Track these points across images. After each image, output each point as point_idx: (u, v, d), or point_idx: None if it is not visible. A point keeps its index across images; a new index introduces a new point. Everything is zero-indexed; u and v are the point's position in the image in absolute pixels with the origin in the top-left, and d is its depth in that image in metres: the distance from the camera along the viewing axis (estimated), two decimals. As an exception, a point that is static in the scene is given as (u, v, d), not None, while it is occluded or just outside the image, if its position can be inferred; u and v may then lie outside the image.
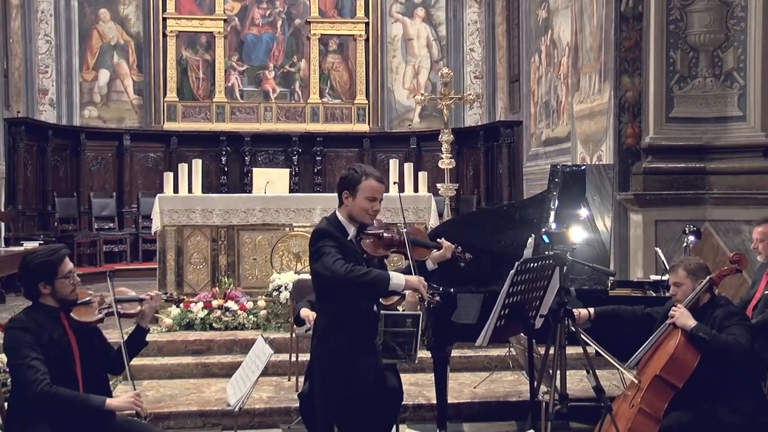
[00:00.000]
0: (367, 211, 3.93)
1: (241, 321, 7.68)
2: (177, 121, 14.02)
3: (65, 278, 3.95)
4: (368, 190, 3.91)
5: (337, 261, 3.73)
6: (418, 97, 10.05)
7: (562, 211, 5.62)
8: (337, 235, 3.88)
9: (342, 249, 3.82)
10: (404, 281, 3.77)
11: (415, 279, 3.81)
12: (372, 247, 3.94)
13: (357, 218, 3.94)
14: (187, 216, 8.25)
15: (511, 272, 3.87)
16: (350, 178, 3.95)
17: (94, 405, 3.78)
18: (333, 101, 14.66)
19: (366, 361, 3.92)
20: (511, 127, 12.81)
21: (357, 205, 3.92)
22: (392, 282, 3.75)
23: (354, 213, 3.93)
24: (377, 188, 3.94)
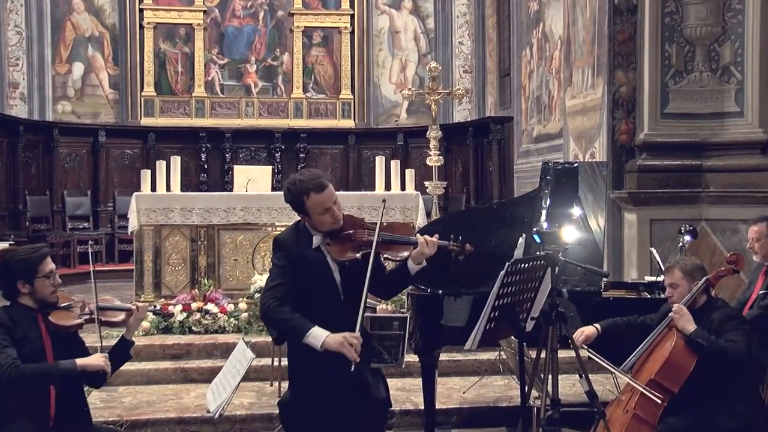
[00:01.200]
0: (327, 222, 3.79)
1: (222, 324, 7.66)
2: (155, 117, 13.96)
3: (45, 278, 3.94)
4: (318, 206, 3.73)
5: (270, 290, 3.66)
6: (405, 92, 10.04)
7: (554, 209, 5.63)
8: (291, 246, 3.77)
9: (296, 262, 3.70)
10: (322, 341, 3.55)
11: (337, 340, 3.54)
12: (338, 251, 3.77)
13: (322, 231, 3.81)
14: (165, 215, 8.22)
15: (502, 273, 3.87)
16: (294, 201, 3.77)
17: (66, 369, 3.80)
18: (317, 96, 14.64)
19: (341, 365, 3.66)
20: (502, 123, 12.84)
21: (315, 222, 3.79)
22: (308, 337, 3.58)
23: (318, 227, 3.81)
24: (324, 198, 3.72)
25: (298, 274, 3.78)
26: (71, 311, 4.03)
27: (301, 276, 3.78)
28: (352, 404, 3.86)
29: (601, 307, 5.15)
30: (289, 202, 3.83)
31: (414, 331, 5.25)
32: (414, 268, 3.90)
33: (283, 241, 3.83)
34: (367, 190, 12.49)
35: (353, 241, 3.79)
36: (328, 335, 3.59)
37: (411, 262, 3.89)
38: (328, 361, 3.69)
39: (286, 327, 3.66)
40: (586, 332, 4.65)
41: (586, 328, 4.68)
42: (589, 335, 4.64)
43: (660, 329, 4.53)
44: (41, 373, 3.80)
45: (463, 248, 3.96)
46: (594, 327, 4.69)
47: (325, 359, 3.69)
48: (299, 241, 3.82)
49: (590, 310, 5.07)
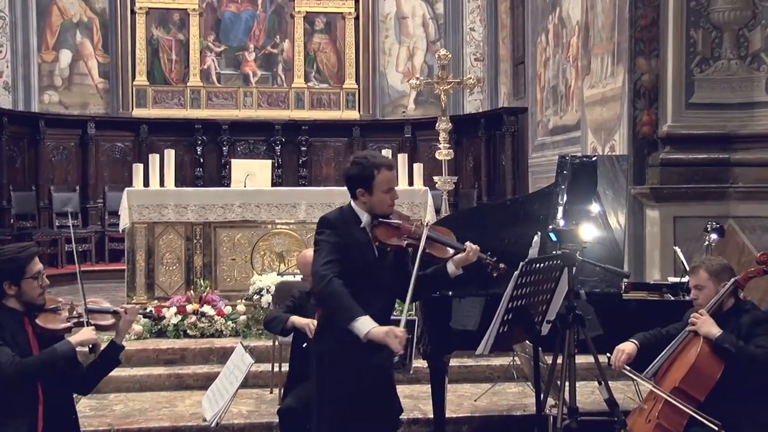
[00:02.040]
0: (387, 203, 3.98)
1: (219, 327, 7.67)
2: (147, 108, 13.99)
3: (33, 279, 3.95)
4: (384, 183, 3.95)
5: (325, 264, 3.76)
6: (413, 81, 10.04)
7: (571, 206, 5.63)
8: (341, 226, 3.91)
9: (344, 241, 3.85)
10: (368, 331, 3.66)
11: (382, 331, 3.68)
12: (384, 234, 3.94)
13: (378, 212, 3.98)
14: (158, 212, 8.24)
15: (515, 273, 3.87)
16: (362, 175, 3.96)
17: (64, 351, 3.87)
18: (319, 86, 14.64)
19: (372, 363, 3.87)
20: (515, 115, 12.83)
21: (376, 202, 3.96)
22: (355, 324, 3.67)
23: (375, 209, 3.97)
24: (392, 177, 4.00)
25: (346, 251, 3.89)
26: (59, 314, 4.04)
27: (350, 252, 3.90)
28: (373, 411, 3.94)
29: (622, 309, 5.14)
30: (357, 175, 3.96)
31: (422, 335, 5.26)
32: (454, 273, 4.03)
33: (333, 220, 3.96)
34: (372, 186, 12.51)
35: (400, 230, 3.96)
36: (374, 326, 3.70)
37: (451, 265, 4.01)
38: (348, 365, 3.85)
39: (337, 305, 3.73)
40: (627, 350, 4.58)
41: (625, 345, 4.61)
42: (630, 353, 4.57)
43: (684, 334, 4.52)
44: (42, 364, 3.83)
45: (497, 265, 4.05)
46: (632, 343, 4.63)
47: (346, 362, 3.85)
48: (347, 221, 3.96)
49: (610, 312, 5.07)
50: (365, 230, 3.96)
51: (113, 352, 4.19)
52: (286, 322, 5.14)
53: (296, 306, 5.34)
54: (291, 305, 5.35)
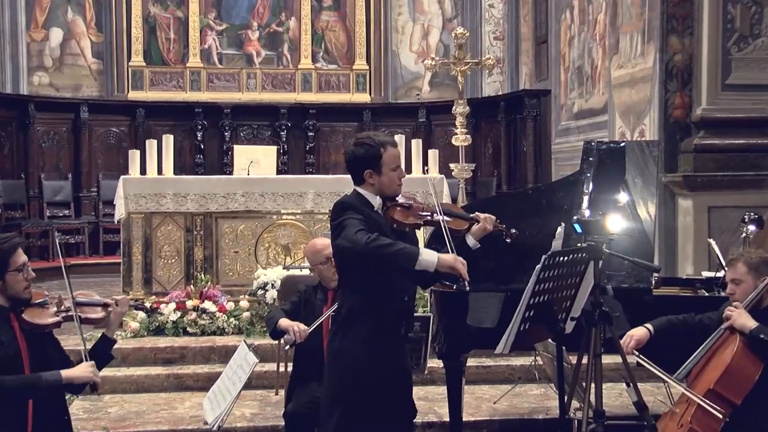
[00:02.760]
0: (395, 182, 4.09)
1: (221, 325, 7.70)
2: (144, 90, 14.01)
3: (17, 271, 3.96)
4: (391, 161, 4.07)
5: (360, 231, 3.83)
6: (428, 61, 10.02)
7: (597, 195, 5.62)
8: (361, 207, 4.00)
9: (368, 221, 3.93)
10: (437, 259, 3.79)
11: (451, 257, 3.84)
12: (402, 214, 4.05)
13: (387, 193, 4.09)
14: (156, 202, 8.27)
15: (537, 267, 3.87)
16: (368, 154, 4.06)
17: (49, 382, 3.85)
18: (328, 67, 14.63)
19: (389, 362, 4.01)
20: (538, 98, 12.80)
21: (386, 181, 4.06)
22: (421, 258, 3.78)
23: (384, 189, 4.08)
24: (397, 154, 4.13)
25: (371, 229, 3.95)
26: (47, 308, 4.06)
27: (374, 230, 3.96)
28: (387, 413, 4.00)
29: (652, 306, 5.13)
30: (363, 156, 4.06)
31: (438, 332, 5.27)
32: (475, 245, 4.15)
33: (352, 202, 4.06)
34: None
35: (413, 209, 4.09)
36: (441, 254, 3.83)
37: (471, 238, 4.15)
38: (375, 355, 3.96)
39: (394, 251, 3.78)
40: (636, 335, 4.62)
41: (636, 330, 4.65)
42: (640, 339, 4.61)
43: (720, 332, 4.50)
44: (23, 387, 3.84)
45: (509, 231, 4.23)
46: (645, 328, 4.66)
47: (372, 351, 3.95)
48: (362, 205, 4.05)
49: (639, 309, 5.06)
50: (379, 214, 4.06)
51: (105, 346, 4.21)
52: (276, 323, 5.04)
53: (302, 302, 5.32)
54: (297, 300, 5.32)
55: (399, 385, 4.10)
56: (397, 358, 4.08)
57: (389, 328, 4.02)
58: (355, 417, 3.96)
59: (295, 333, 4.86)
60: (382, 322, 3.98)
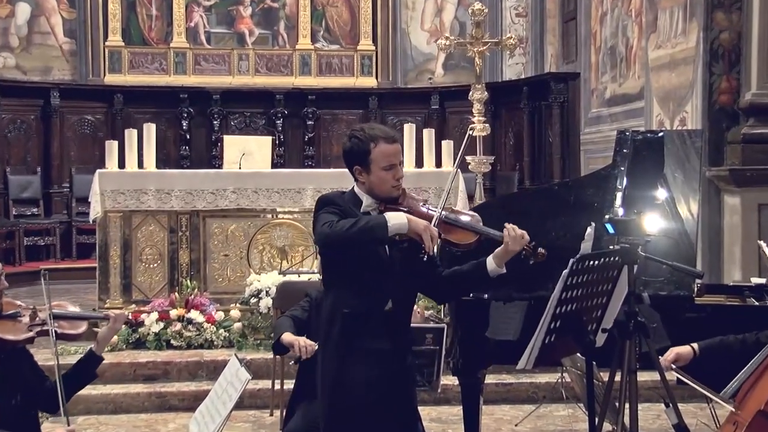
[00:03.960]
0: (389, 183, 4.00)
1: (209, 337, 7.71)
2: (122, 73, 14.04)
3: None
4: (382, 159, 3.98)
5: (326, 224, 3.81)
6: (442, 41, 10.01)
7: (632, 191, 5.62)
8: (344, 204, 3.98)
9: (345, 216, 3.89)
10: (406, 220, 3.76)
11: (423, 223, 3.79)
12: None
13: (381, 195, 4.02)
14: (136, 199, 8.28)
15: (565, 272, 3.87)
16: (355, 149, 4.01)
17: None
18: (329, 47, 14.65)
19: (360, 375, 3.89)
20: (565, 82, 12.79)
21: (375, 181, 4.00)
22: (391, 223, 3.74)
23: (375, 190, 4.02)
24: (392, 151, 4.01)
25: None
26: (19, 321, 4.07)
27: None
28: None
29: (694, 317, 5.13)
30: (350, 150, 4.03)
31: (453, 345, 5.27)
32: (494, 271, 4.02)
33: (332, 197, 4.04)
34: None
35: (411, 213, 3.94)
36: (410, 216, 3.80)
37: (492, 262, 4.02)
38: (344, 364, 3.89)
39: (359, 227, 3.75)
40: (677, 350, 4.61)
41: (680, 348, 4.63)
42: (681, 355, 4.60)
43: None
44: None
45: (535, 251, 4.03)
46: (690, 348, 4.64)
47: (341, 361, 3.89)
48: (349, 202, 4.02)
49: (680, 320, 5.06)
50: (368, 214, 3.97)
51: (92, 364, 4.22)
52: (279, 337, 4.97)
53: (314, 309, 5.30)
54: (306, 307, 5.30)
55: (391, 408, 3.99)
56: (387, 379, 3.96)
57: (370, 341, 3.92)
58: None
59: (301, 349, 4.83)
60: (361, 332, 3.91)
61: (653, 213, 5.54)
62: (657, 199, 5.66)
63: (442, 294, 4.42)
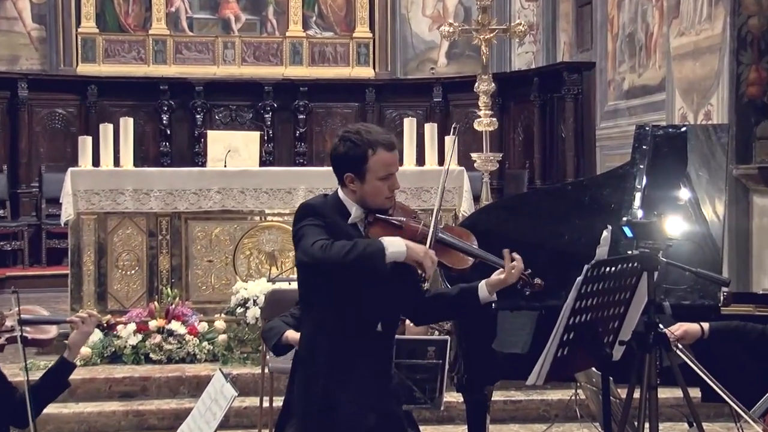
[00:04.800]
0: (383, 194, 3.93)
1: (191, 350, 7.71)
2: (96, 63, 14.03)
3: None
4: (381, 168, 3.90)
5: (318, 242, 3.72)
6: (445, 28, 10.02)
7: (652, 191, 5.62)
8: (327, 213, 3.89)
9: (331, 230, 3.82)
10: (405, 247, 3.68)
11: (422, 248, 3.72)
12: (380, 236, 3.85)
13: (372, 206, 3.95)
14: (112, 199, 8.28)
15: (578, 280, 3.88)
16: (351, 155, 3.91)
17: None
18: (322, 35, 14.65)
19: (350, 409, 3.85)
20: (579, 72, 12.80)
21: (368, 191, 3.92)
22: (389, 251, 3.67)
23: (367, 200, 3.94)
24: (391, 160, 3.93)
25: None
26: None
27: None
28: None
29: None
30: (345, 155, 3.92)
31: (457, 359, 5.27)
32: (486, 299, 4.02)
33: (316, 206, 3.94)
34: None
35: (401, 230, 3.90)
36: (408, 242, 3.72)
37: (485, 289, 4.01)
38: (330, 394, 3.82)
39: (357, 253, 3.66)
40: (685, 326, 4.61)
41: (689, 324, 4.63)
42: (688, 332, 4.60)
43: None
44: None
45: (531, 280, 4.05)
46: (699, 326, 4.65)
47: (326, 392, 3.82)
48: (333, 211, 3.94)
49: (704, 331, 5.06)
50: (356, 227, 3.94)
51: (64, 371, 4.22)
52: (281, 335, 5.00)
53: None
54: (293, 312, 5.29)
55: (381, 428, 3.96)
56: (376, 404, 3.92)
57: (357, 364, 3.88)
58: None
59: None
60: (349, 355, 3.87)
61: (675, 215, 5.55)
62: (679, 199, 5.67)
63: (422, 316, 4.37)
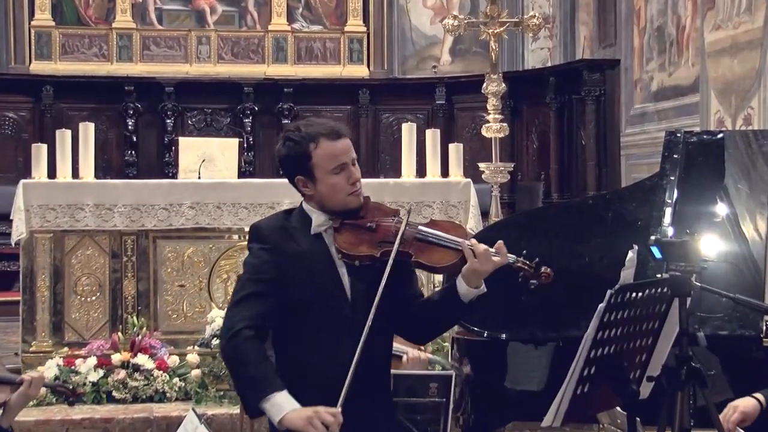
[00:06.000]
0: (343, 190, 3.92)
1: (160, 387, 7.69)
2: (52, 60, 14.06)
3: None
4: (328, 160, 3.90)
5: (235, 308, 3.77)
6: (449, 21, 10.03)
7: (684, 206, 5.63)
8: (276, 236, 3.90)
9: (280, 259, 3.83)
10: (283, 414, 3.62)
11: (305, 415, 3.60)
12: (349, 242, 3.85)
13: (336, 207, 3.94)
14: (70, 216, 8.27)
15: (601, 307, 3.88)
16: (293, 154, 3.93)
17: None
18: (310, 29, 14.70)
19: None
20: (602, 71, 12.83)
21: (323, 190, 3.93)
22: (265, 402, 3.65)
23: (326, 202, 3.94)
24: (339, 149, 3.92)
25: (285, 274, 3.85)
26: None
27: (291, 276, 3.85)
28: None
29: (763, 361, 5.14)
30: (285, 157, 3.96)
31: (463, 397, 5.27)
32: (468, 293, 3.92)
33: (264, 228, 3.95)
34: (387, 176, 12.42)
35: (374, 232, 3.88)
36: (294, 408, 3.64)
37: (462, 283, 3.92)
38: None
39: (242, 374, 3.70)
40: (741, 407, 4.61)
41: (742, 401, 4.64)
42: (746, 412, 4.60)
43: None
44: None
45: (537, 271, 3.99)
46: (755, 400, 4.65)
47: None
48: (289, 227, 3.95)
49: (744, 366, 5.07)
50: (321, 237, 3.93)
51: None
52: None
53: None
54: None
55: None
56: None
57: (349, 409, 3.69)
58: None
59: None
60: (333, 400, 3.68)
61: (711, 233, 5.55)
62: (715, 215, 5.67)
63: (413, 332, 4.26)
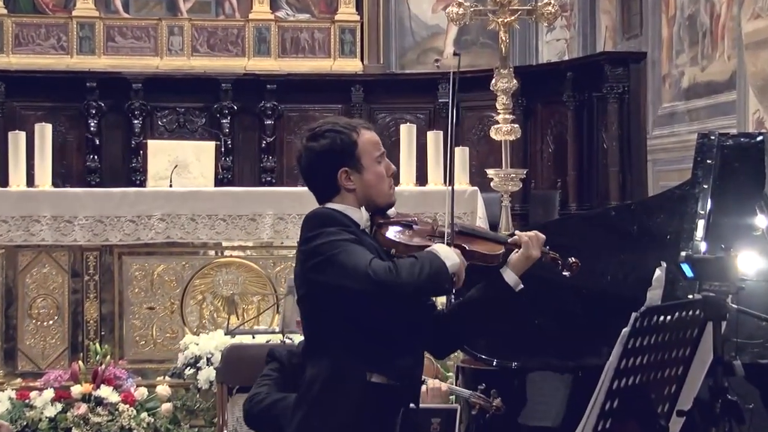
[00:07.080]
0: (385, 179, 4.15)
1: (126, 423, 7.69)
2: (4, 53, 14.07)
3: None
4: (373, 147, 4.13)
5: (375, 260, 3.84)
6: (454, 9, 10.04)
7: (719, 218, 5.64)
8: (342, 220, 4.03)
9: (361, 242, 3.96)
10: (457, 258, 3.90)
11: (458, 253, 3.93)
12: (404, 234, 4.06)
13: (378, 200, 4.13)
14: (24, 229, 8.26)
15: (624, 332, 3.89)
16: (337, 145, 4.07)
17: None
18: (296, 17, 14.71)
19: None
20: (626, 65, 12.84)
21: (371, 179, 4.10)
22: (449, 264, 3.86)
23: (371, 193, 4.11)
24: (377, 138, 4.20)
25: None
26: None
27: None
28: None
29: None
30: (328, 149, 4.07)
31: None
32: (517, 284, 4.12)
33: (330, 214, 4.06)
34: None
35: (419, 226, 4.10)
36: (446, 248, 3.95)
37: (510, 273, 4.11)
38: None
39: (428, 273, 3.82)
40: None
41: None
42: None
43: None
44: None
45: (565, 261, 4.18)
46: None
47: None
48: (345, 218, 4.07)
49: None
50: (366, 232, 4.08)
51: None
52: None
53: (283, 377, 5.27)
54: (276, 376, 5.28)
55: None
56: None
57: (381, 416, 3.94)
58: None
59: None
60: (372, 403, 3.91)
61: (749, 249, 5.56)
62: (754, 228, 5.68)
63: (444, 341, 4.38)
